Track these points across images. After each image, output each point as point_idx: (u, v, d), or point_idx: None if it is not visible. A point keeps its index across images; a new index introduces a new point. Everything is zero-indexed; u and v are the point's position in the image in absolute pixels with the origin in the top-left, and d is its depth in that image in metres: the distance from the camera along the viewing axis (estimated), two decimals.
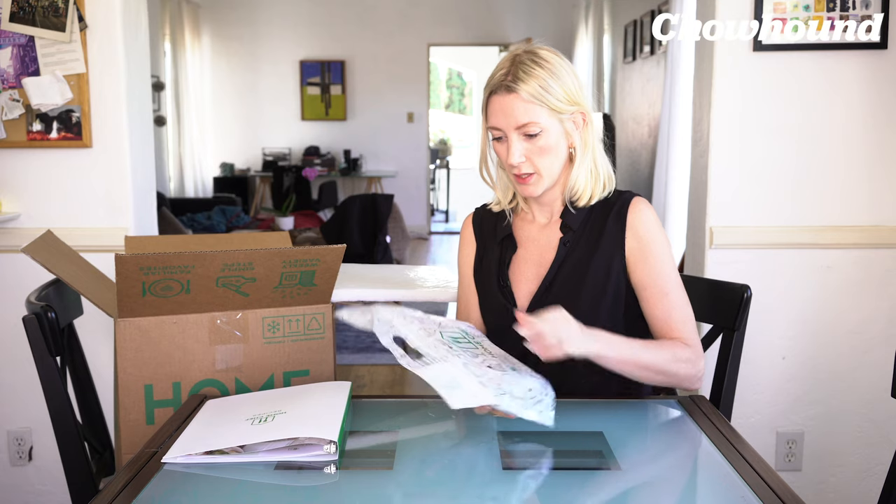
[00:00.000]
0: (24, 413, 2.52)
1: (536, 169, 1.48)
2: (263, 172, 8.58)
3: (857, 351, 2.42)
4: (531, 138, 1.46)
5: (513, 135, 1.46)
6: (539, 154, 1.47)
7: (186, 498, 1.11)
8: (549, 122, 1.46)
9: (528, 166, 1.48)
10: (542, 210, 1.59)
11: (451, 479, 1.16)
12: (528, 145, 1.46)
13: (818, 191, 2.36)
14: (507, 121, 1.45)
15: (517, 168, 1.48)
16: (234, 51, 8.72)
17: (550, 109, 1.45)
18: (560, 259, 1.53)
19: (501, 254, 1.60)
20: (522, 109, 1.44)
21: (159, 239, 1.87)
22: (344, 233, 5.71)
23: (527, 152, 1.47)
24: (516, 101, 1.44)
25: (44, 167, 2.44)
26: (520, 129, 1.45)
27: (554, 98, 1.44)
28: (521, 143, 1.46)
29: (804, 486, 2.46)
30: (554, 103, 1.45)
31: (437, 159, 10.63)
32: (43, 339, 1.53)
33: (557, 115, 1.46)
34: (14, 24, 2.35)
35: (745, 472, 1.14)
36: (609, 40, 7.10)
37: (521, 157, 1.47)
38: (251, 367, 1.55)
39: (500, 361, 1.33)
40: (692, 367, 1.44)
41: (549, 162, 1.48)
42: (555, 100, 1.45)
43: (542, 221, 1.59)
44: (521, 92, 1.43)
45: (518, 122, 1.45)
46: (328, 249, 1.51)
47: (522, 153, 1.47)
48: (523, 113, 1.44)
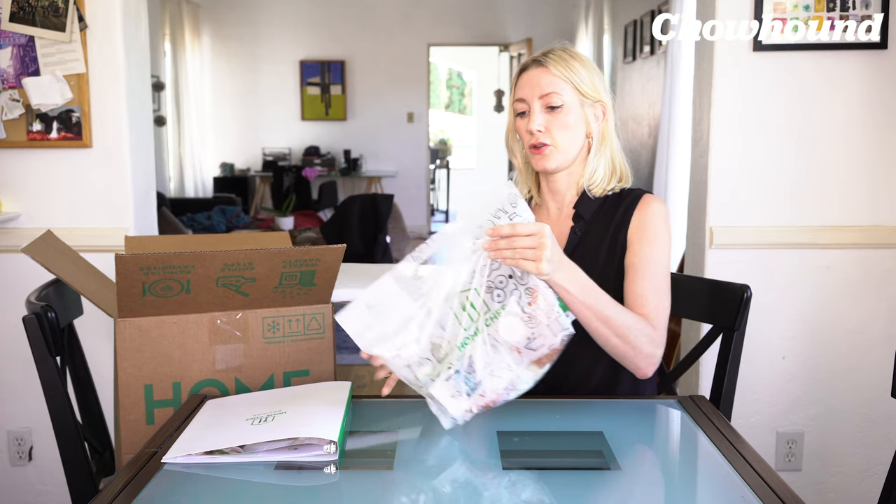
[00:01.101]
0: (24, 413, 2.52)
1: (553, 141, 1.54)
2: (263, 172, 8.58)
3: (857, 351, 2.42)
4: (553, 111, 1.53)
5: (535, 104, 1.54)
6: (558, 127, 1.53)
7: (186, 498, 1.11)
8: (572, 99, 1.53)
9: (545, 136, 1.54)
10: (554, 200, 1.62)
11: (451, 479, 1.16)
12: (549, 117, 1.53)
13: (818, 191, 2.36)
14: (532, 91, 1.54)
15: (535, 137, 1.54)
16: (234, 51, 8.72)
17: (574, 88, 1.53)
18: (570, 247, 1.56)
19: None
20: (548, 80, 1.53)
21: (159, 239, 1.87)
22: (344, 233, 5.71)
23: (547, 123, 1.53)
24: (544, 74, 1.53)
25: (44, 167, 2.44)
26: (543, 98, 1.53)
27: (578, 78, 1.53)
28: (543, 115, 1.53)
29: (804, 486, 2.47)
30: (578, 83, 1.53)
31: (437, 159, 10.62)
32: (43, 339, 1.53)
33: (580, 96, 1.54)
34: (14, 24, 2.35)
35: (745, 472, 1.14)
36: (609, 40, 7.09)
37: (541, 126, 1.53)
38: (251, 367, 1.55)
39: None
40: (653, 347, 1.41)
41: (567, 138, 1.54)
42: (579, 80, 1.53)
43: (554, 214, 1.62)
44: (550, 67, 1.53)
45: (543, 90, 1.53)
46: (328, 249, 1.51)
47: (542, 123, 1.53)
48: (548, 83, 1.53)
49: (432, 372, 1.29)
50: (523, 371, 1.28)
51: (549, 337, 1.27)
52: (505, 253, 1.23)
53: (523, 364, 1.28)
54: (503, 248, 1.23)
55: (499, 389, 1.27)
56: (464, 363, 1.27)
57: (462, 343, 1.28)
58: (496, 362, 1.27)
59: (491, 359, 1.27)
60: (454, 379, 1.27)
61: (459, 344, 1.28)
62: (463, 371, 1.27)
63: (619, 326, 1.37)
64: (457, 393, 1.27)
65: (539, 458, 1.24)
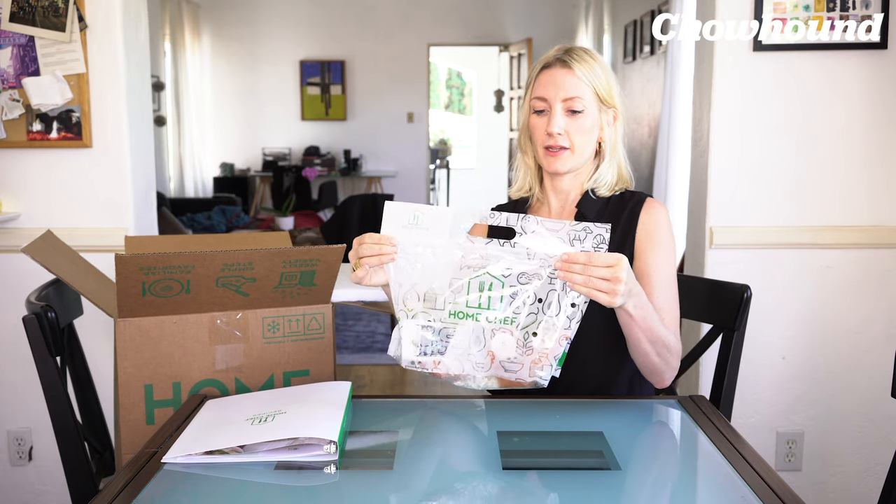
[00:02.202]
0: (24, 413, 2.52)
1: (572, 144, 1.53)
2: (263, 172, 8.58)
3: (857, 351, 2.42)
4: (574, 115, 1.52)
5: (558, 106, 1.52)
6: (578, 131, 1.53)
7: (186, 498, 1.11)
8: (592, 105, 1.53)
9: (564, 140, 1.53)
10: (557, 197, 1.62)
11: (451, 479, 1.16)
12: (570, 120, 1.52)
13: (818, 191, 2.36)
14: (556, 92, 1.52)
15: (554, 139, 1.53)
16: (234, 51, 8.72)
17: (595, 94, 1.53)
18: None
19: None
20: (573, 83, 1.51)
21: (159, 239, 1.87)
22: (344, 233, 5.71)
23: (567, 126, 1.52)
24: (569, 76, 1.51)
25: (44, 167, 2.44)
26: (566, 101, 1.51)
27: (601, 85, 1.53)
28: (564, 118, 1.52)
29: (804, 486, 2.47)
30: (600, 90, 1.53)
31: (437, 159, 10.63)
32: (43, 339, 1.53)
33: (599, 102, 1.54)
34: (14, 24, 2.35)
35: (745, 472, 1.14)
36: (609, 40, 7.10)
37: (561, 129, 1.52)
38: (251, 367, 1.55)
39: None
40: (677, 360, 1.47)
41: (584, 142, 1.54)
42: (602, 87, 1.53)
43: (556, 210, 1.62)
44: (575, 68, 1.52)
45: (567, 93, 1.51)
46: (328, 249, 1.51)
47: (563, 126, 1.52)
48: (573, 87, 1.51)
49: (416, 309, 1.31)
50: (481, 377, 1.31)
51: (525, 373, 1.29)
52: (576, 278, 1.22)
53: (487, 372, 1.30)
54: (576, 272, 1.22)
55: (451, 372, 1.31)
56: (444, 328, 1.29)
57: (456, 313, 1.29)
58: (467, 352, 1.29)
59: (466, 346, 1.29)
60: (426, 331, 1.30)
61: (454, 311, 1.29)
62: (436, 332, 1.30)
63: (663, 347, 1.41)
64: (419, 344, 1.30)
65: (539, 458, 1.24)
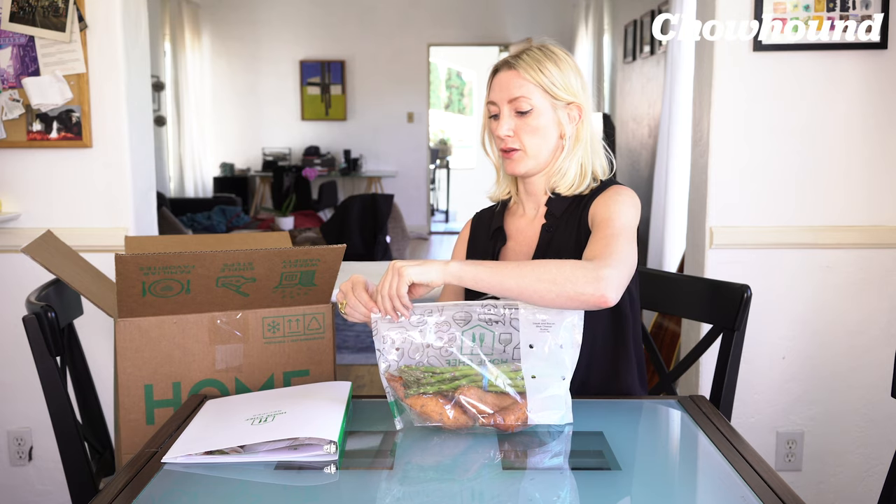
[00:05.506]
0: (24, 413, 2.52)
1: (523, 146, 1.52)
2: (263, 172, 8.58)
3: (857, 351, 2.42)
4: (522, 116, 1.51)
5: (505, 108, 1.52)
6: (527, 132, 1.51)
7: (186, 498, 1.11)
8: (542, 103, 1.51)
9: (514, 141, 1.52)
10: (530, 201, 1.62)
11: (451, 479, 1.16)
12: (519, 122, 1.52)
13: (818, 191, 2.36)
14: (502, 94, 1.52)
15: (504, 142, 1.53)
16: (234, 51, 8.72)
17: (544, 91, 1.50)
18: (543, 246, 1.55)
19: (493, 246, 1.63)
20: (517, 84, 1.50)
21: (159, 239, 1.87)
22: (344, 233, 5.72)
23: (516, 128, 1.52)
24: (514, 77, 1.51)
25: (44, 167, 2.44)
26: (512, 102, 1.51)
27: (549, 81, 1.50)
28: (512, 119, 1.52)
29: (804, 486, 2.47)
30: (548, 86, 1.50)
31: (437, 159, 10.62)
32: (43, 339, 1.53)
33: (551, 99, 1.51)
34: (14, 24, 2.35)
35: (745, 472, 1.14)
36: (609, 40, 7.09)
37: (509, 131, 1.52)
38: (251, 367, 1.55)
39: None
40: (588, 271, 1.26)
41: (537, 143, 1.52)
42: (550, 83, 1.50)
43: (530, 214, 1.62)
44: (519, 69, 1.51)
45: (511, 95, 1.50)
46: (328, 249, 1.51)
47: (511, 128, 1.52)
48: (517, 87, 1.50)
49: None
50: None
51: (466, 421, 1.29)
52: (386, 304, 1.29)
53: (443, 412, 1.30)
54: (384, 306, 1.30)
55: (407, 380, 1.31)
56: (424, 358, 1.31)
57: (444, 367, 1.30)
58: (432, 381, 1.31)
59: None
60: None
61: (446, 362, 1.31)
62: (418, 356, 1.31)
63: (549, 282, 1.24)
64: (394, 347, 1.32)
65: (539, 458, 1.24)
